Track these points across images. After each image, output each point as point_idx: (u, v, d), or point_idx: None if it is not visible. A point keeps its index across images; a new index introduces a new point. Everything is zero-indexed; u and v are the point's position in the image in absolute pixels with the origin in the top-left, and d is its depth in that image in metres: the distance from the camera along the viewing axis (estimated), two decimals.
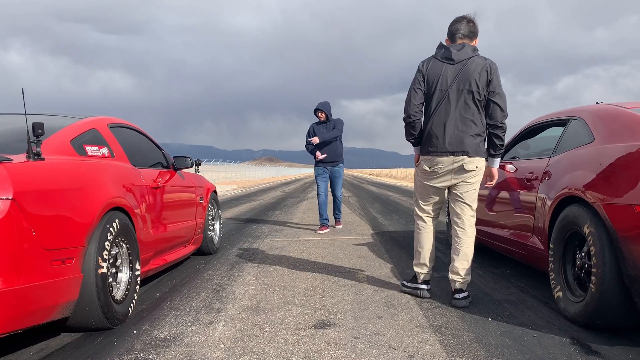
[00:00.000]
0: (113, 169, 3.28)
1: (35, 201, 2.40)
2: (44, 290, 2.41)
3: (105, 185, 3.03)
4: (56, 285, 2.49)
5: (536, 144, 4.38)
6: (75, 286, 2.65)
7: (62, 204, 2.59)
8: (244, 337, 2.74)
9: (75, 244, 2.64)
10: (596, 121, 3.36)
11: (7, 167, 2.33)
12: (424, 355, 2.47)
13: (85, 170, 2.96)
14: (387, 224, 8.35)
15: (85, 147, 3.22)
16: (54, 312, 2.54)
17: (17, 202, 2.28)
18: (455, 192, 3.41)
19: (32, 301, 2.35)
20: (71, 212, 2.64)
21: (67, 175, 2.76)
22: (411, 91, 3.42)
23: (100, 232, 2.84)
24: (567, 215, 3.09)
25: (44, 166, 2.60)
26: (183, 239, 4.60)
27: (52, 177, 2.63)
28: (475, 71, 3.28)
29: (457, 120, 3.30)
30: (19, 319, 2.31)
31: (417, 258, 3.59)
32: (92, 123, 3.49)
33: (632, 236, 2.49)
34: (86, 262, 2.72)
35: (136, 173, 3.66)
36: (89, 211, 2.77)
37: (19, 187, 2.31)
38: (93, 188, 2.89)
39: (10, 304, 2.23)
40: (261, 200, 14.91)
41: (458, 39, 3.40)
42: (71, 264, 2.60)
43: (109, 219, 2.96)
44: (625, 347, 2.56)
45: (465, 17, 3.44)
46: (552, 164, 3.57)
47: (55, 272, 2.49)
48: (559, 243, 3.19)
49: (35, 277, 2.35)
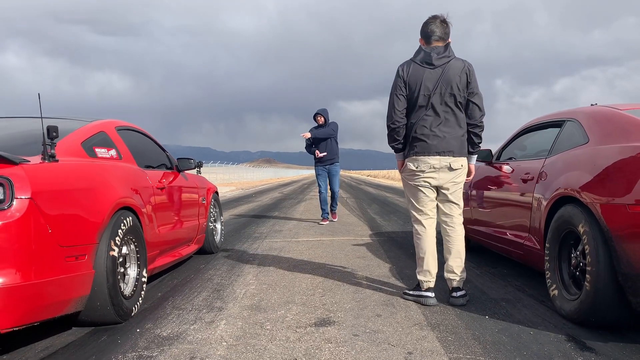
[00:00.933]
0: (121, 170, 3.41)
1: (51, 200, 2.52)
2: (59, 285, 2.54)
3: (114, 186, 3.15)
4: (70, 281, 2.62)
5: (532, 145, 4.43)
6: (87, 282, 2.77)
7: (75, 203, 2.73)
8: (245, 335, 2.79)
9: (88, 241, 2.77)
10: (591, 123, 3.42)
11: (25, 168, 2.45)
12: (422, 351, 2.52)
13: (96, 171, 3.09)
14: (385, 224, 8.40)
15: (95, 149, 3.34)
16: (67, 306, 2.67)
17: (34, 201, 2.40)
18: (444, 192, 3.46)
19: (47, 295, 2.48)
20: (83, 211, 2.77)
21: (79, 176, 2.90)
22: (394, 97, 3.46)
23: (111, 230, 2.96)
24: (563, 215, 3.14)
25: (58, 167, 2.73)
26: (187, 238, 4.71)
27: (66, 177, 2.76)
28: (456, 75, 3.37)
29: (442, 124, 3.38)
30: (35, 312, 2.44)
31: (421, 265, 3.48)
32: (100, 126, 3.62)
33: (626, 235, 2.55)
34: (98, 259, 2.85)
35: (143, 174, 3.78)
36: (100, 210, 2.89)
37: (36, 187, 2.44)
38: (103, 188, 3.02)
39: (27, 297, 2.36)
40: (260, 202, 14.96)
41: (433, 41, 3.45)
42: (84, 261, 2.73)
43: (118, 218, 3.08)
44: (619, 344, 2.62)
45: (438, 18, 3.48)
46: (548, 165, 3.62)
47: (69, 268, 2.62)
48: (555, 242, 3.24)
49: (51, 272, 2.48)
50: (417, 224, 3.52)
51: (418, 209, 3.50)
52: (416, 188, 3.48)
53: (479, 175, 5.00)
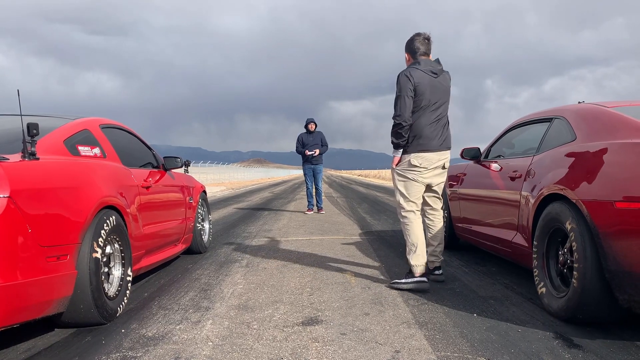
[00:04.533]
0: (105, 169, 3.36)
1: (31, 199, 2.46)
2: (40, 286, 2.48)
3: (97, 185, 3.10)
4: (51, 281, 2.56)
5: (520, 142, 4.44)
6: (69, 282, 2.72)
7: (56, 202, 2.66)
8: (232, 335, 2.76)
9: (70, 241, 2.71)
10: (578, 120, 3.44)
11: (3, 165, 2.39)
12: (410, 350, 2.50)
13: (79, 170, 3.04)
14: (375, 223, 8.39)
15: (78, 147, 3.29)
16: (49, 308, 2.60)
17: (13, 200, 2.34)
18: (435, 188, 3.94)
19: (28, 296, 2.41)
20: (65, 210, 2.71)
21: (61, 175, 2.83)
22: (405, 98, 3.73)
23: (94, 229, 2.91)
24: (550, 212, 3.15)
25: (38, 165, 2.67)
26: (173, 238, 4.68)
27: (47, 176, 2.70)
28: (448, 83, 3.90)
29: (441, 126, 3.83)
30: (16, 313, 2.37)
31: (414, 251, 3.74)
32: (84, 124, 3.57)
33: (613, 232, 2.55)
34: (80, 259, 2.79)
35: (127, 173, 3.73)
36: (82, 209, 2.84)
37: (15, 186, 2.38)
38: (86, 187, 2.96)
39: (7, 298, 2.29)
40: (250, 201, 14.90)
41: (419, 56, 3.87)
42: (66, 261, 2.67)
43: (101, 217, 3.03)
44: (607, 341, 2.62)
45: (422, 35, 3.90)
46: (536, 163, 3.63)
47: (51, 268, 2.55)
48: (542, 240, 3.25)
49: (31, 273, 2.42)
50: (409, 214, 3.83)
51: (411, 201, 3.83)
52: (414, 182, 3.81)
53: (467, 173, 5.03)
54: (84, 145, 3.37)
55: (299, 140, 10.36)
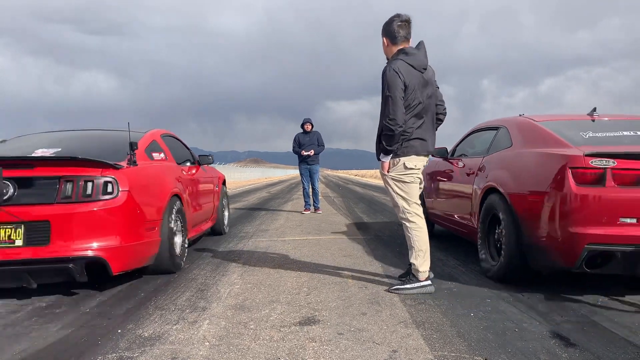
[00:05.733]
0: (170, 169, 4.79)
1: (138, 192, 3.79)
2: (143, 246, 3.85)
3: (168, 180, 4.53)
4: (149, 244, 3.94)
5: (478, 144, 5.17)
6: (157, 245, 4.09)
7: (150, 193, 4.04)
8: (228, 335, 2.76)
9: (157, 217, 4.09)
10: (515, 130, 4.29)
11: (123, 171, 3.71)
12: (407, 349, 2.50)
13: (158, 171, 4.46)
14: (371, 223, 8.39)
15: (152, 154, 4.62)
16: (146, 261, 4.00)
17: (130, 192, 3.67)
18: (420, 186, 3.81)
19: (137, 252, 3.79)
20: (154, 198, 4.11)
21: (150, 175, 4.23)
22: (398, 100, 3.44)
23: (169, 210, 4.30)
24: (489, 202, 4.12)
25: (139, 169, 3.99)
26: (208, 216, 6.17)
27: (144, 176, 4.04)
28: (434, 78, 3.72)
29: (428, 126, 3.67)
30: (132, 263, 3.78)
31: (422, 257, 3.60)
32: (152, 135, 4.94)
33: (524, 216, 3.59)
34: (162, 230, 4.16)
35: (180, 169, 5.11)
36: (162, 197, 4.25)
37: (131, 183, 3.70)
38: (163, 182, 4.40)
39: (128, 253, 3.67)
40: (246, 201, 14.88)
41: (400, 41, 3.57)
42: (155, 230, 4.04)
43: (172, 202, 4.41)
44: (603, 339, 2.63)
45: (401, 16, 3.56)
46: (484, 162, 4.50)
47: (148, 235, 3.91)
48: (485, 222, 4.22)
49: (140, 238, 3.79)
50: (415, 218, 3.64)
51: (415, 203, 3.67)
52: (412, 184, 3.67)
53: (436, 169, 5.93)
54: (155, 152, 4.71)
55: (295, 140, 10.43)
